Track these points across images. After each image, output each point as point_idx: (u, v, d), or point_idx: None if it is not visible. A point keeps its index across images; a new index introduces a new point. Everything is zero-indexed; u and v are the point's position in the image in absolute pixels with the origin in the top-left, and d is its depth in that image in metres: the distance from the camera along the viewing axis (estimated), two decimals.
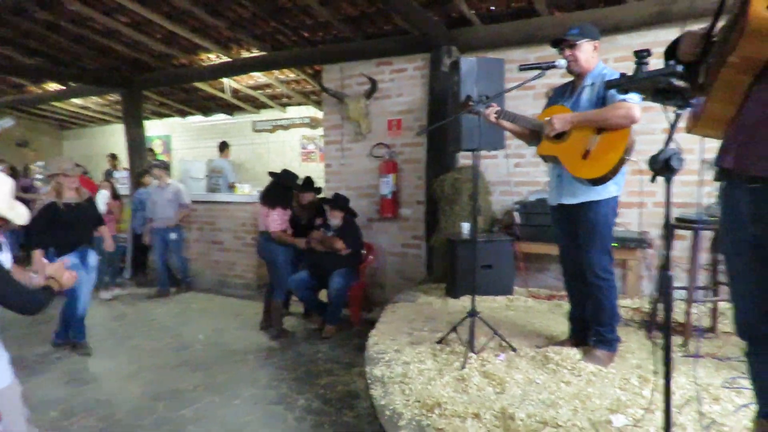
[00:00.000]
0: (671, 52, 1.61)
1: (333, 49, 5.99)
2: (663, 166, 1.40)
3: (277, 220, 4.95)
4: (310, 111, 9.25)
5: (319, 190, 5.47)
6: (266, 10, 5.48)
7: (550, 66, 2.83)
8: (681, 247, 4.09)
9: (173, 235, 6.65)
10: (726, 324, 3.35)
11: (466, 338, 3.05)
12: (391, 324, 3.79)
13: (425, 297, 4.52)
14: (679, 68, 1.38)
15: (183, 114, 10.38)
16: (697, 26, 1.43)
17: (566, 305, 3.24)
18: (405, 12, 4.63)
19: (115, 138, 11.12)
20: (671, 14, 4.16)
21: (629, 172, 2.81)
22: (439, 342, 3.23)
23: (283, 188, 5.13)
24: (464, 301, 4.18)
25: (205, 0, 5.43)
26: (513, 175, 4.97)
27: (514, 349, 3.03)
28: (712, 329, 3.29)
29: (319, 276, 5.07)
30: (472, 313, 3.07)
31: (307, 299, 5.27)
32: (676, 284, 4.04)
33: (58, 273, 2.22)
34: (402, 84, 5.65)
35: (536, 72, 2.86)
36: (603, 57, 4.34)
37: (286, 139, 9.77)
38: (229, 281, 7.17)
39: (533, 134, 2.98)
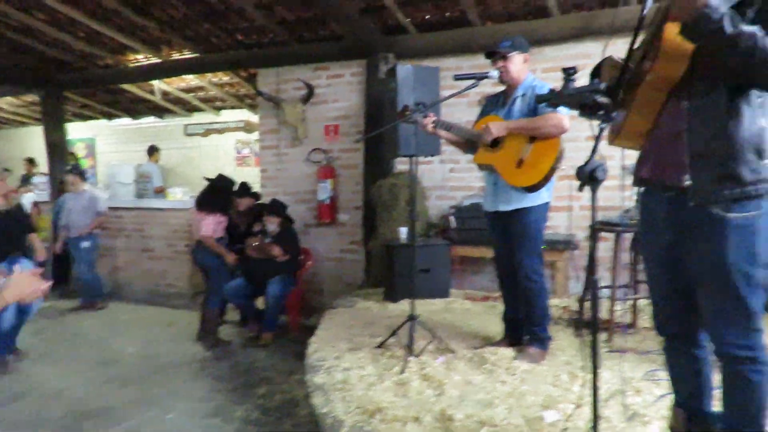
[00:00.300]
0: (596, 71, 1.73)
1: (269, 53, 5.91)
2: (589, 177, 1.49)
3: (210, 225, 4.82)
4: (245, 115, 9.07)
5: (257, 196, 5.38)
6: (199, 12, 5.34)
7: (484, 76, 2.93)
8: (605, 247, 4.34)
9: (85, 244, 6.25)
10: (645, 320, 3.58)
11: (406, 342, 3.10)
12: (331, 330, 3.78)
13: (364, 302, 4.54)
14: (602, 86, 1.48)
15: (109, 116, 9.88)
16: (620, 41, 1.54)
17: (501, 306, 3.35)
18: (341, 18, 4.65)
19: (32, 141, 10.41)
20: (593, 29, 4.42)
21: (558, 177, 2.96)
22: (379, 347, 3.26)
23: (219, 193, 5.01)
24: (403, 305, 4.24)
25: (134, 0, 5.23)
26: (448, 180, 5.10)
27: (452, 352, 3.11)
28: (633, 325, 3.52)
29: (256, 283, 4.99)
30: (411, 317, 3.12)
31: (243, 307, 5.17)
32: (600, 284, 4.31)
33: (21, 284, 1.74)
34: (339, 89, 5.67)
35: (470, 82, 2.96)
36: (532, 68, 4.51)
37: (220, 143, 9.53)
38: (161, 291, 6.90)
39: (468, 143, 3.08)
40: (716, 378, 1.68)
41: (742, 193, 1.45)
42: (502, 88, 3.11)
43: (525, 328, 3.04)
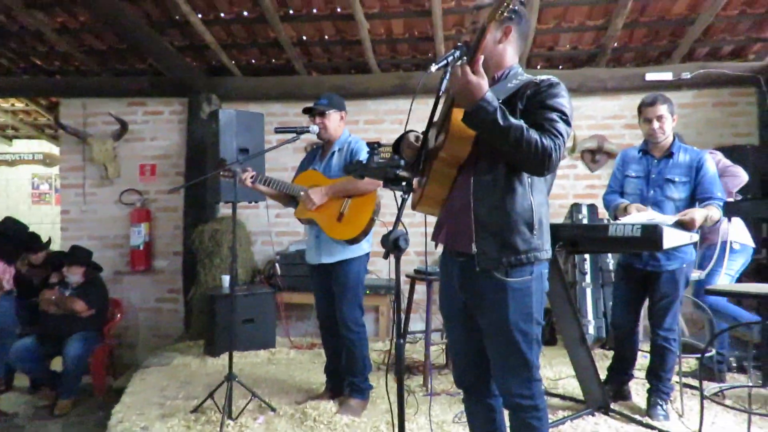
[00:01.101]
0: (397, 145, 1.85)
1: (74, 82, 5.33)
2: (393, 246, 1.57)
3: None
4: (44, 146, 8.01)
5: (47, 244, 4.73)
6: None
7: (304, 130, 3.00)
8: (422, 290, 4.62)
9: None
10: None
11: (223, 404, 2.92)
12: (140, 394, 3.42)
13: (181, 357, 4.21)
14: (402, 162, 1.59)
15: None
16: (430, 99, 1.68)
17: None
18: (159, 54, 4.40)
19: None
20: (408, 87, 4.79)
21: (378, 224, 3.08)
22: (194, 411, 3.02)
23: (8, 240, 4.31)
24: (224, 359, 3.99)
25: None
26: (274, 225, 5.02)
27: (273, 410, 3.00)
28: (446, 365, 3.76)
29: (52, 342, 4.32)
30: (229, 377, 2.95)
31: (34, 371, 4.42)
32: (416, 327, 4.56)
33: None
34: (157, 127, 5.31)
35: (291, 135, 2.99)
36: (354, 118, 4.77)
37: (12, 176, 8.25)
38: None
39: (289, 197, 3.09)
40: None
41: (517, 260, 1.66)
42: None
43: (346, 380, 3.07)
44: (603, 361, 3.68)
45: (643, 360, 3.31)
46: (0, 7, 4.33)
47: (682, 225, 2.46)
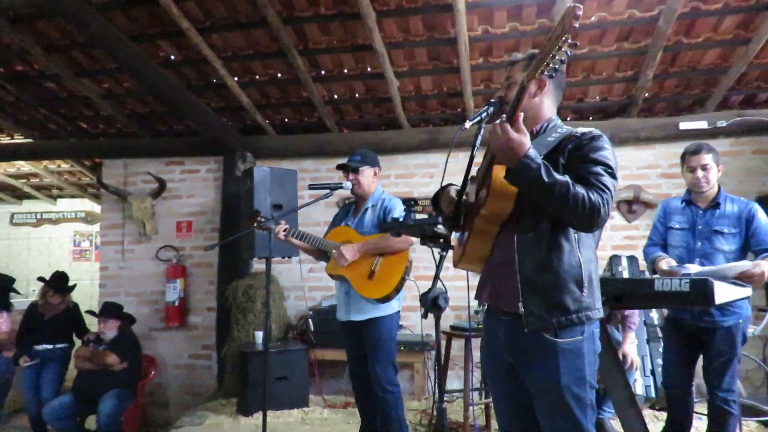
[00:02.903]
0: (436, 199, 1.83)
1: (116, 144, 5.57)
2: (432, 305, 1.53)
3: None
4: (86, 205, 8.31)
5: (70, 288, 4.89)
6: (35, 97, 4.92)
7: (338, 187, 3.02)
8: (459, 346, 4.49)
9: None
10: None
11: None
12: None
13: (214, 417, 4.14)
14: (440, 219, 1.57)
15: None
16: (461, 153, 1.68)
17: None
18: (198, 116, 4.57)
19: None
20: (438, 142, 4.84)
21: (411, 278, 3.04)
22: None
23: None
24: (257, 419, 3.92)
25: None
26: (307, 279, 5.01)
27: None
28: (486, 427, 3.59)
29: (87, 400, 4.32)
30: None
31: (69, 429, 4.41)
32: (454, 386, 4.40)
33: None
34: (194, 185, 5.46)
35: (324, 192, 3.02)
36: (386, 173, 4.80)
37: (54, 234, 8.54)
38: None
39: (321, 252, 3.08)
40: None
41: (567, 320, 1.58)
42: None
43: None
44: (654, 423, 3.46)
45: (698, 422, 3.09)
46: (51, 75, 4.62)
47: (749, 278, 2.34)
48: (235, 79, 4.48)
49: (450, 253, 1.80)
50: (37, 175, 7.36)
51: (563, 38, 1.37)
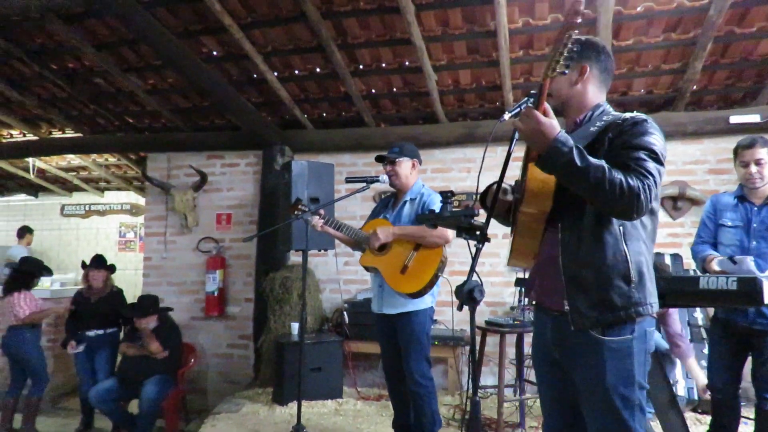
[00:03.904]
0: (484, 196, 1.80)
1: (160, 138, 5.73)
2: (467, 297, 1.52)
3: (24, 304, 4.66)
4: (131, 197, 8.60)
5: (110, 267, 5.01)
6: (84, 92, 5.11)
7: (374, 180, 3.03)
8: (493, 342, 4.44)
9: None
10: (534, 418, 3.64)
11: None
12: None
13: (251, 405, 4.23)
14: (477, 211, 1.55)
15: None
16: (499, 148, 1.68)
17: None
18: (238, 111, 4.66)
19: None
20: (476, 136, 4.79)
21: (445, 275, 3.02)
22: None
23: (21, 273, 4.85)
24: (292, 408, 3.99)
25: (11, 76, 4.92)
26: (342, 273, 5.06)
27: None
28: (521, 424, 3.55)
29: (131, 385, 4.48)
30: (298, 429, 2.92)
31: (113, 412, 4.57)
32: (488, 382, 4.37)
33: None
34: (233, 178, 5.57)
35: (361, 185, 3.03)
36: (423, 167, 4.75)
37: (101, 225, 8.87)
38: None
39: (357, 243, 3.10)
40: None
41: (614, 317, 1.53)
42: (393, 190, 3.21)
43: None
44: (697, 426, 3.35)
45: (744, 428, 2.98)
46: (100, 72, 4.79)
47: None
48: (275, 74, 4.54)
49: (486, 246, 1.79)
50: (86, 168, 7.65)
51: (567, 34, 1.34)
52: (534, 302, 1.79)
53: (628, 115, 1.59)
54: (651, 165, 1.47)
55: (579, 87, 1.68)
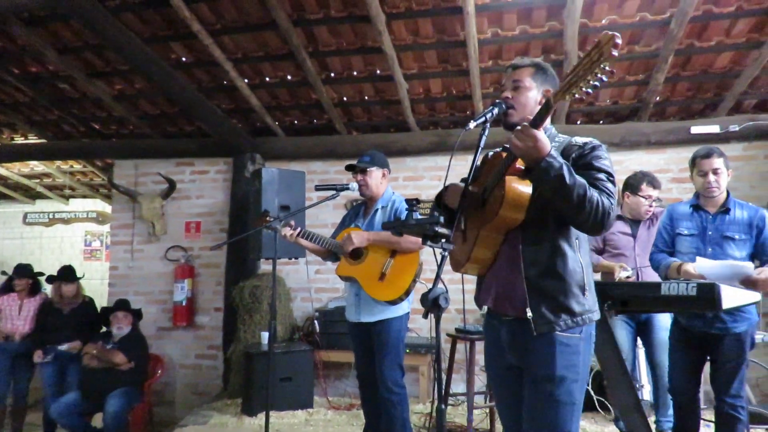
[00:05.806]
0: (439, 197, 1.85)
1: (127, 145, 5.63)
2: (432, 305, 1.52)
3: None
4: (97, 205, 8.40)
5: (78, 278, 4.84)
6: (49, 98, 4.99)
7: (344, 188, 3.03)
8: (464, 349, 4.46)
9: None
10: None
11: None
12: None
13: (219, 416, 4.16)
14: (441, 219, 1.57)
15: None
16: (469, 156, 1.72)
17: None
18: (208, 118, 4.60)
19: None
20: (447, 144, 4.84)
21: (421, 281, 3.02)
22: None
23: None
24: (261, 419, 3.91)
25: None
26: (313, 281, 5.02)
27: None
28: (491, 430, 3.56)
29: (95, 398, 4.35)
30: None
31: (76, 427, 4.43)
32: (459, 389, 4.38)
33: None
34: (203, 186, 5.50)
35: (331, 192, 3.02)
36: (394, 175, 4.77)
37: (66, 234, 8.64)
38: None
39: (330, 253, 3.08)
40: None
41: (572, 322, 1.64)
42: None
43: None
44: None
45: (705, 429, 3.05)
46: (64, 76, 4.68)
47: (753, 284, 2.31)
48: (245, 81, 4.51)
49: None
50: (50, 175, 7.46)
51: (600, 65, 1.37)
52: (486, 309, 1.82)
53: (584, 138, 1.73)
54: (611, 186, 1.64)
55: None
